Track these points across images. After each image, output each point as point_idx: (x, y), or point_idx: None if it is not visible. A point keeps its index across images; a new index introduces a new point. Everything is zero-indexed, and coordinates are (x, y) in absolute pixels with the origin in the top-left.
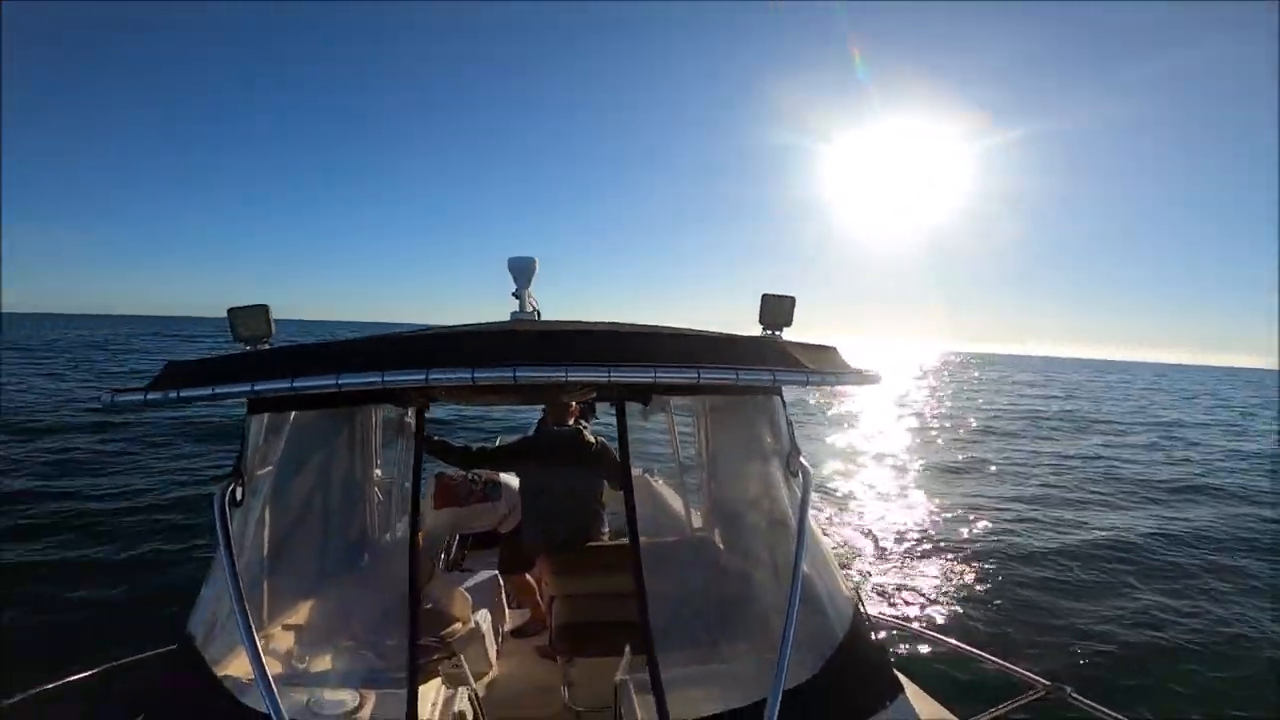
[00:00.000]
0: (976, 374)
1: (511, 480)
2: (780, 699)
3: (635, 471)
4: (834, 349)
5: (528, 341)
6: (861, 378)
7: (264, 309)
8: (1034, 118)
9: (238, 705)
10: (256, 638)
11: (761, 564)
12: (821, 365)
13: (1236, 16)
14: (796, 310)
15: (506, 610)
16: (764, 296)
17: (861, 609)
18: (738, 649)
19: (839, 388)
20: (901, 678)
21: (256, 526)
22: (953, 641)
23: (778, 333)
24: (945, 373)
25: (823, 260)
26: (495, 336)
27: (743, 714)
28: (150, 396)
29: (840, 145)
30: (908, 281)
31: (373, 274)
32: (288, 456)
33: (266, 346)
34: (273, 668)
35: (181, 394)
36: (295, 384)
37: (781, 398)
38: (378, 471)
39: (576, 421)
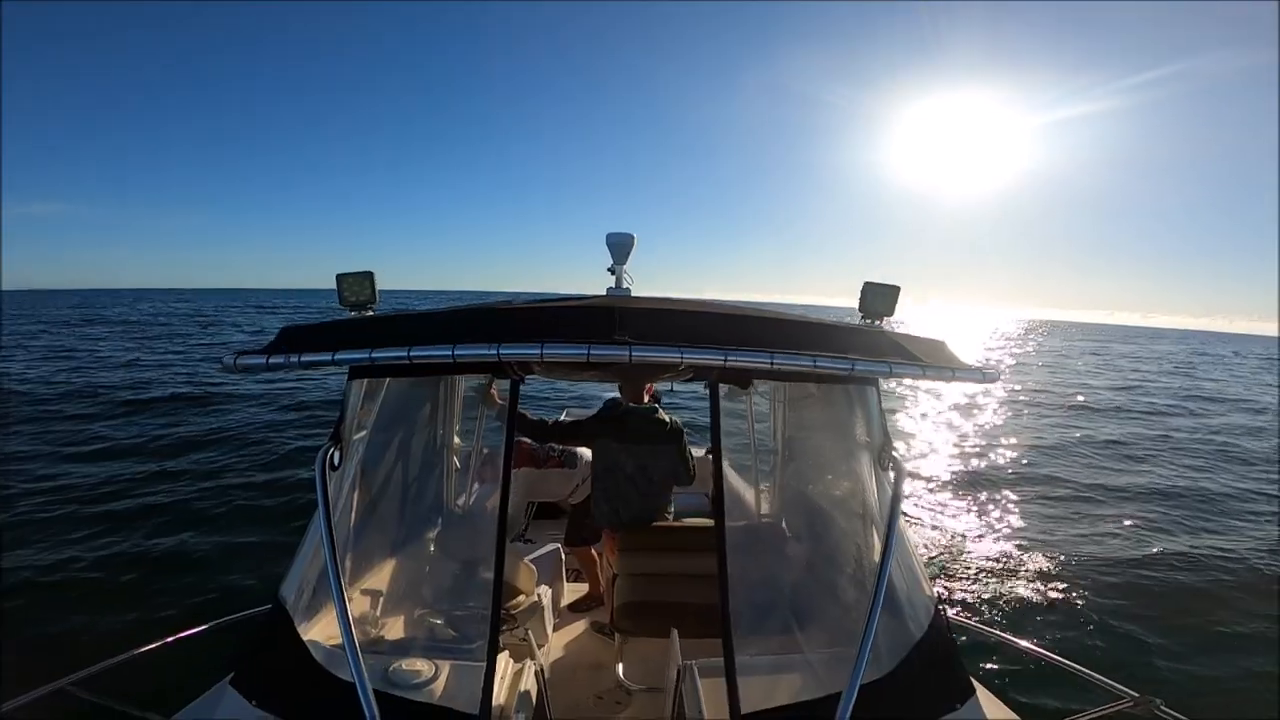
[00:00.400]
0: (1060, 342)
1: (585, 452)
2: (855, 694)
3: (697, 453)
4: (943, 343)
5: (639, 320)
6: (978, 374)
7: (369, 275)
8: (1114, 81)
9: (322, 672)
10: (347, 603)
11: (840, 556)
12: (934, 359)
13: None
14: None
15: (565, 584)
16: (866, 285)
17: (941, 610)
18: (810, 640)
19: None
20: (976, 684)
21: (348, 491)
22: (1031, 646)
23: (879, 322)
24: (1030, 340)
25: (887, 225)
26: (606, 314)
27: (815, 706)
28: (273, 360)
29: (912, 105)
30: (975, 248)
31: (440, 244)
32: (380, 422)
33: (371, 312)
34: (357, 631)
35: (303, 358)
36: (412, 354)
37: (877, 387)
38: (457, 439)
39: (650, 401)
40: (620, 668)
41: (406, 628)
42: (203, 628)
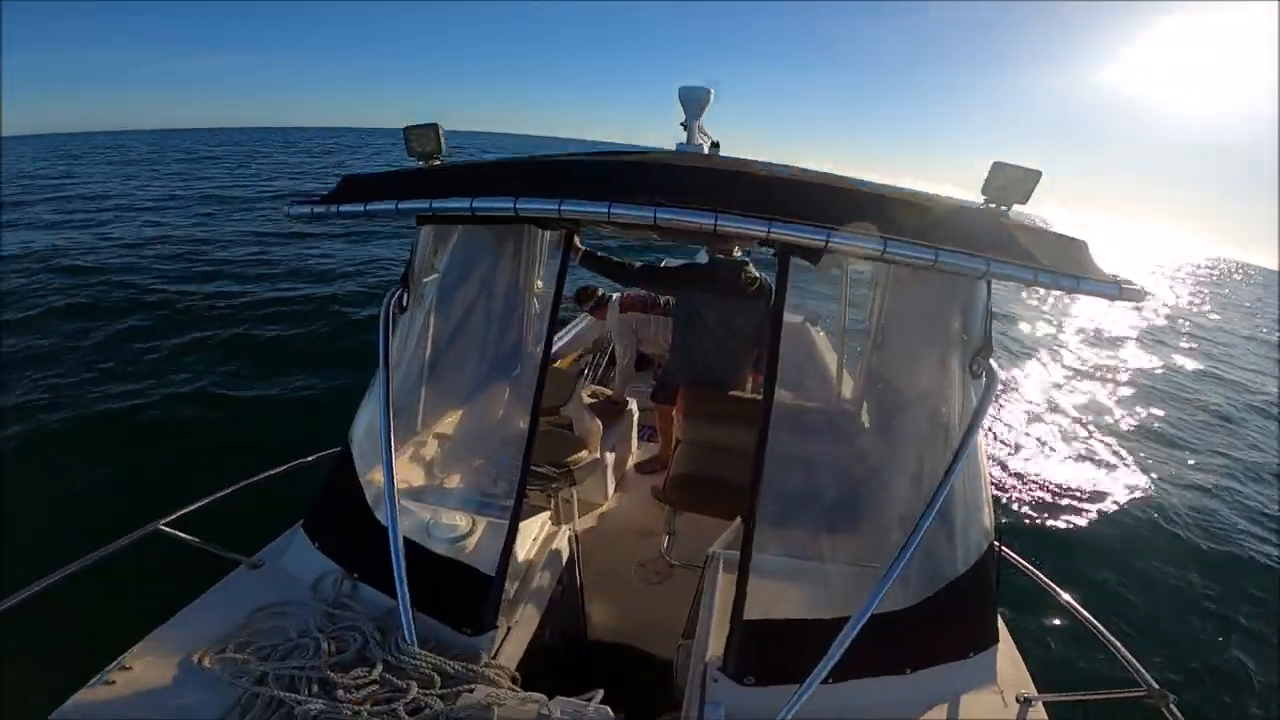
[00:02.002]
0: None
1: None
2: (864, 622)
3: (796, 319)
4: (1082, 244)
5: (719, 184)
6: (1114, 289)
7: (435, 127)
8: None
9: (371, 518)
10: (393, 452)
11: (899, 463)
12: (1061, 263)
13: None
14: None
15: (635, 443)
16: (995, 164)
17: (995, 546)
18: (839, 549)
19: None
20: (1002, 630)
21: (420, 335)
22: (1072, 602)
23: (1004, 209)
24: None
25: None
26: (680, 172)
27: (823, 628)
28: (342, 209)
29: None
30: (1184, 177)
31: (501, 87)
32: (453, 265)
33: (438, 162)
34: (415, 478)
35: (369, 208)
36: (475, 205)
37: (989, 283)
38: (539, 283)
39: (743, 255)
40: (666, 540)
41: (463, 478)
42: (284, 467)
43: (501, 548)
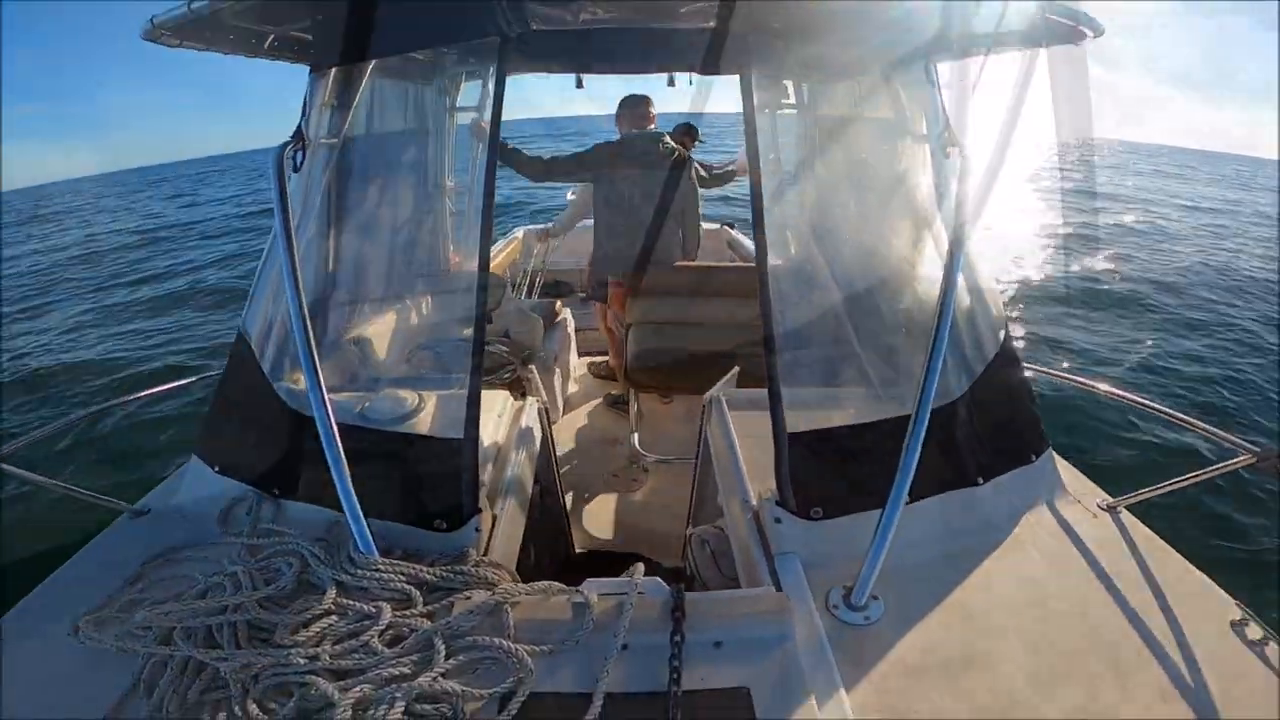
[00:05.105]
0: None
1: None
2: (927, 416)
3: (711, 226)
4: None
5: None
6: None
7: None
8: None
9: (288, 414)
10: (310, 335)
11: (889, 287)
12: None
13: None
14: None
15: (575, 355)
16: None
17: (1009, 337)
18: (848, 376)
19: None
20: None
21: (320, 207)
22: (1113, 390)
23: None
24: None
25: None
26: None
27: (880, 431)
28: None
29: None
30: None
31: None
32: (355, 129)
33: None
34: (333, 378)
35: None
36: None
37: (931, 68)
38: (450, 182)
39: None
40: (635, 438)
41: (396, 369)
42: (180, 382)
43: (465, 412)
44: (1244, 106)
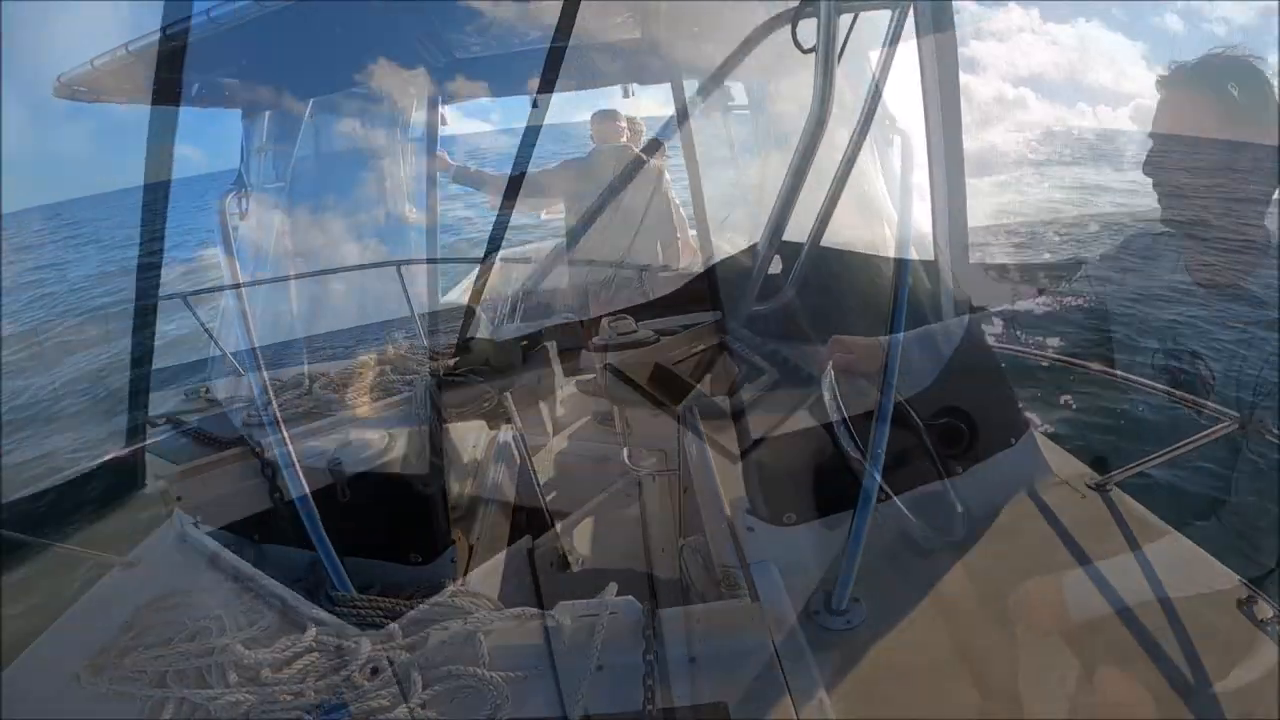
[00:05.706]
0: None
1: None
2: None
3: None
4: None
5: None
6: None
7: None
8: None
9: (257, 458)
10: (269, 386)
11: (837, 279)
12: None
13: None
14: None
15: (559, 374)
16: None
17: (975, 321)
18: (810, 375)
19: None
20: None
21: (275, 258)
22: (1084, 363)
23: None
24: None
25: None
26: None
27: (845, 429)
28: None
29: None
30: None
31: None
32: (302, 169)
33: None
34: (300, 419)
35: None
36: None
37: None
38: (411, 210)
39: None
40: (625, 452)
41: (361, 408)
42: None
43: (429, 446)
44: None
